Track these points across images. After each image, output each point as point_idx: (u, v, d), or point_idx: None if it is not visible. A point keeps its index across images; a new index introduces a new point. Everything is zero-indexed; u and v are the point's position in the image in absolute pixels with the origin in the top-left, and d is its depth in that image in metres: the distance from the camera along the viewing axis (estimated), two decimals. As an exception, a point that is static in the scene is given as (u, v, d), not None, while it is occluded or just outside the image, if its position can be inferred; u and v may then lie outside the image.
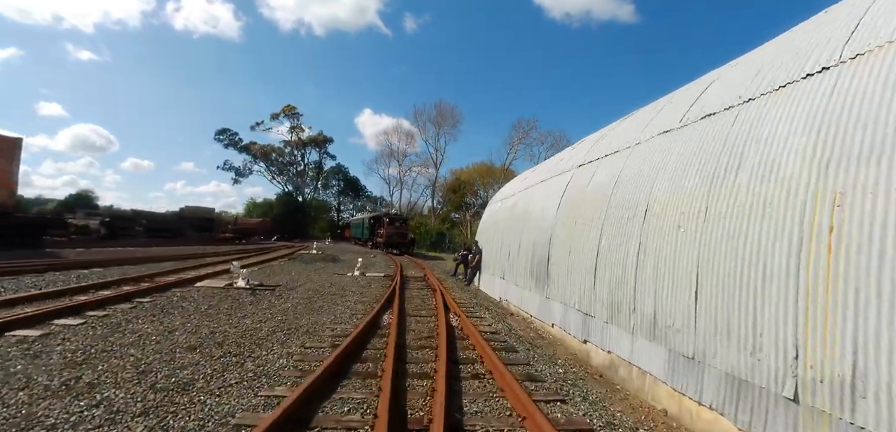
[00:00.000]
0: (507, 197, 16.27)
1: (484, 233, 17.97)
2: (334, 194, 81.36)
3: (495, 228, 15.78)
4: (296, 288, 10.99)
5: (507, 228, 13.91)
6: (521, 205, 13.19)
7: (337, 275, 15.16)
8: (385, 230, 33.91)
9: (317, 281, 12.92)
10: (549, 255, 9.43)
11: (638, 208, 6.27)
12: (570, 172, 10.18)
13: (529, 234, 11.17)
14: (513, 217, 13.73)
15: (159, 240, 27.42)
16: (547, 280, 9.40)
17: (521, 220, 12.52)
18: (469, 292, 13.57)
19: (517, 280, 11.73)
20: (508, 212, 14.73)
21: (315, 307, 8.60)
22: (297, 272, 15.06)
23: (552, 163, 12.91)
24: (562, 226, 9.07)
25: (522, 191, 14.29)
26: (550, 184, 11.18)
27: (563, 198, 9.58)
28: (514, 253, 12.35)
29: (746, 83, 5.40)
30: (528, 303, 10.56)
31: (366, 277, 15.17)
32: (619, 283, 6.34)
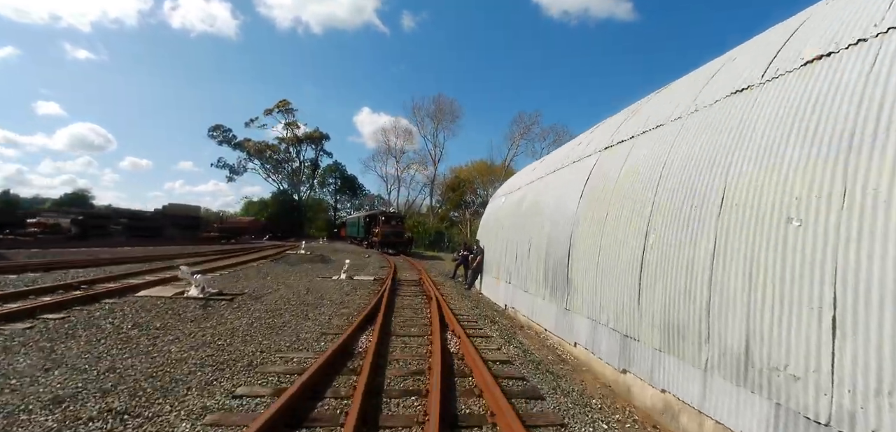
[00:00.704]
0: (513, 191, 14.50)
1: (486, 231, 16.21)
2: (331, 192, 79.68)
3: (499, 226, 14.02)
4: (263, 296, 9.21)
5: (514, 226, 12.15)
6: (531, 200, 11.42)
7: (319, 279, 13.38)
8: (380, 229, 32.06)
9: (293, 286, 11.13)
10: (569, 258, 7.68)
11: (708, 195, 4.51)
12: (592, 157, 8.41)
13: (541, 233, 9.41)
14: (520, 213, 11.97)
15: (139, 239, 25.62)
16: (567, 288, 7.64)
17: (530, 217, 10.76)
18: (470, 299, 11.81)
19: (527, 285, 9.97)
20: (514, 207, 12.97)
21: (277, 324, 6.83)
22: (274, 276, 13.27)
23: (568, 150, 11.15)
24: (586, 223, 7.31)
25: (531, 183, 12.53)
26: (566, 174, 9.42)
27: (586, 189, 7.82)
28: (523, 254, 10.59)
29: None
30: (542, 315, 8.80)
31: (353, 281, 13.40)
32: (681, 298, 4.58)
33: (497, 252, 13.54)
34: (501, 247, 13.15)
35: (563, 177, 9.59)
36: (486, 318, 8.86)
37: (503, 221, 13.69)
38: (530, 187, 12.24)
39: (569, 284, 7.58)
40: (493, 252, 14.20)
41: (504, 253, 12.69)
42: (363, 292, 11.05)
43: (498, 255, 13.38)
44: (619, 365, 5.74)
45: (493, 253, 14.17)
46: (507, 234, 12.73)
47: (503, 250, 12.89)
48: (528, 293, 9.83)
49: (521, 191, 13.07)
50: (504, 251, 12.71)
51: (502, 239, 13.21)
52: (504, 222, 13.52)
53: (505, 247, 12.69)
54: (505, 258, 12.56)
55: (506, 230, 13.02)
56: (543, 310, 8.76)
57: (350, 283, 12.69)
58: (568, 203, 8.40)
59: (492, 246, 14.51)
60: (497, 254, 13.49)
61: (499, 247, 13.43)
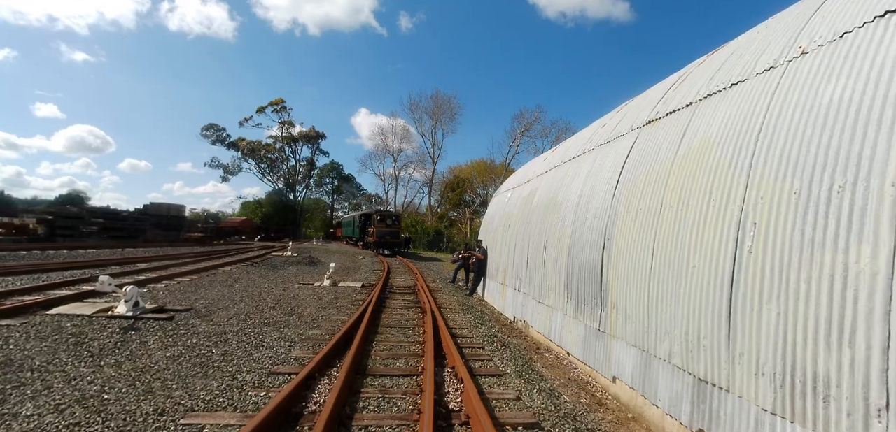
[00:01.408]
0: (521, 184, 12.73)
1: (489, 230, 14.45)
2: (328, 192, 77.85)
3: (504, 225, 12.26)
4: (214, 313, 7.42)
5: (523, 224, 10.38)
6: (544, 193, 9.65)
7: (298, 287, 11.59)
8: (375, 228, 30.16)
9: (260, 297, 9.34)
10: (603, 264, 5.91)
11: (875, 165, 2.73)
12: (628, 136, 6.65)
13: (560, 233, 7.65)
14: (530, 209, 10.21)
15: (115, 240, 23.82)
16: (600, 303, 5.88)
17: (544, 213, 9.00)
18: (472, 311, 10.04)
19: (543, 295, 8.21)
20: (523, 203, 11.21)
21: (212, 358, 5.03)
22: (244, 283, 11.48)
23: (590, 133, 9.37)
24: (628, 219, 5.55)
25: (542, 175, 10.77)
26: (592, 160, 7.66)
27: (624, 175, 6.06)
28: (536, 257, 8.82)
29: None
30: (564, 334, 7.03)
31: (337, 288, 11.61)
32: (822, 335, 2.81)
33: (503, 254, 11.78)
34: (508, 249, 11.39)
35: (586, 164, 7.83)
36: (493, 340, 7.08)
37: (510, 219, 11.93)
38: (542, 179, 10.47)
39: (603, 298, 5.81)
40: (497, 254, 12.44)
41: (511, 255, 10.93)
42: (346, 303, 9.27)
43: (504, 258, 11.62)
44: (691, 423, 3.97)
45: (497, 255, 12.41)
46: (514, 234, 10.98)
47: (510, 252, 11.14)
48: (545, 305, 8.06)
49: (531, 185, 11.31)
50: (511, 253, 10.95)
51: (509, 239, 11.45)
52: (511, 220, 11.76)
53: (512, 249, 10.93)
54: (512, 261, 10.81)
55: (513, 229, 11.27)
56: (566, 329, 7.00)
57: (332, 292, 10.90)
58: (597, 194, 6.64)
59: (496, 247, 12.75)
60: (503, 257, 11.74)
61: (505, 249, 11.68)
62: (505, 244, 11.79)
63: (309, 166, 69.72)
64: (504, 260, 11.62)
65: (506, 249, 11.57)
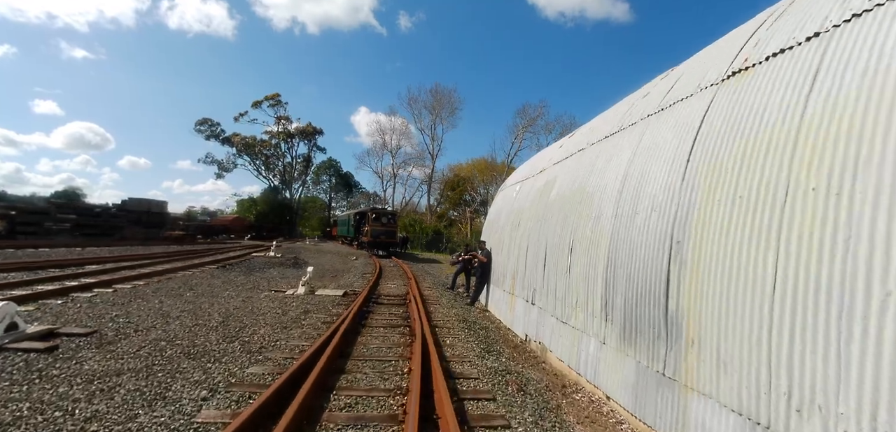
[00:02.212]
0: (531, 175, 10.83)
1: (493, 229, 12.57)
2: (325, 190, 75.94)
3: (513, 223, 10.38)
4: (126, 337, 5.52)
5: (537, 222, 8.51)
6: (566, 183, 7.77)
7: (266, 296, 9.70)
8: (369, 227, 28.11)
9: (206, 313, 7.44)
10: (669, 279, 4.03)
11: None
12: (698, 96, 4.77)
13: (595, 232, 5.77)
14: (547, 203, 8.33)
15: (87, 238, 21.96)
16: (666, 335, 3.99)
17: (566, 208, 7.12)
18: (475, 330, 8.16)
19: (567, 314, 6.32)
20: (536, 197, 9.32)
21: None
22: (198, 292, 9.58)
23: (627, 106, 7.44)
24: (714, 212, 3.67)
25: (561, 162, 8.89)
26: (637, 135, 5.77)
27: (698, 150, 4.18)
28: (557, 264, 6.94)
29: None
30: (602, 371, 5.14)
31: (312, 298, 9.72)
32: None
33: (511, 257, 9.90)
34: (517, 252, 9.52)
35: (628, 141, 5.94)
36: (505, 378, 5.20)
37: (520, 216, 10.05)
38: (561, 167, 8.59)
39: (672, 328, 3.93)
40: (504, 257, 10.57)
41: (521, 259, 9.05)
42: (315, 320, 7.38)
43: (512, 262, 9.75)
44: None
45: (504, 258, 10.53)
46: (525, 234, 9.09)
47: (520, 256, 9.26)
48: (570, 326, 6.17)
49: (546, 175, 9.42)
50: (521, 257, 9.08)
51: (518, 240, 9.58)
52: (521, 217, 9.88)
53: (522, 252, 9.06)
54: (523, 266, 8.94)
55: (524, 228, 9.39)
56: (604, 363, 5.11)
57: (304, 303, 9.01)
58: (653, 179, 4.75)
59: (503, 249, 10.87)
60: (511, 261, 9.86)
61: (513, 251, 9.80)
62: (513, 246, 9.92)
63: (305, 163, 67.81)
64: (512, 264, 9.75)
65: (514, 252, 9.69)
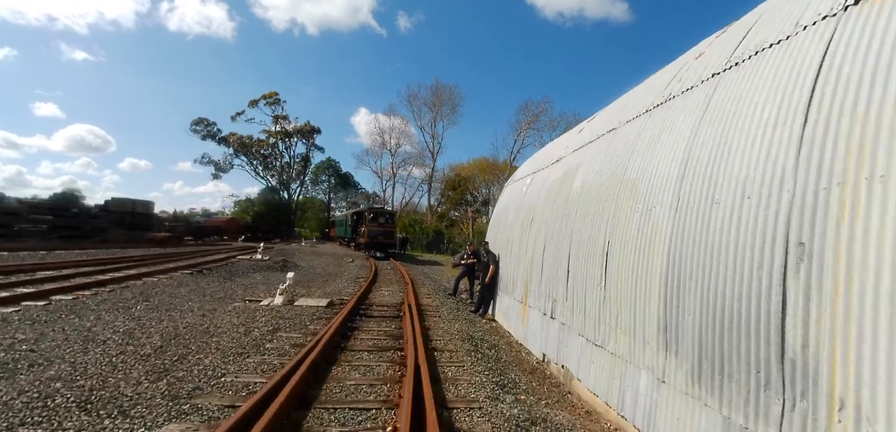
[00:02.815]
0: (546, 166, 9.40)
1: (500, 228, 11.16)
2: (325, 190, 74.53)
3: (524, 221, 8.97)
4: (13, 375, 4.13)
5: (557, 220, 7.10)
6: (594, 171, 6.36)
7: (234, 308, 8.29)
8: (366, 228, 26.59)
9: (146, 332, 6.03)
10: (786, 303, 2.60)
11: None
12: (799, 39, 3.34)
13: (643, 233, 4.37)
14: (568, 197, 6.92)
15: (64, 240, 20.58)
16: (785, 389, 2.57)
17: (597, 201, 5.71)
18: (483, 352, 6.75)
19: (603, 335, 4.89)
20: (553, 190, 7.91)
21: None
22: (154, 304, 8.16)
23: (672, 74, 5.96)
24: (874, 196, 2.23)
25: (583, 147, 7.48)
26: (701, 101, 4.36)
27: (816, 115, 2.75)
28: (585, 272, 5.52)
29: None
30: (667, 425, 3.70)
31: (290, 309, 8.31)
32: None
33: (523, 261, 8.49)
34: (530, 255, 8.11)
35: (685, 109, 4.52)
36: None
37: (532, 213, 8.64)
38: (586, 153, 7.17)
39: (793, 376, 2.50)
40: (513, 260, 9.15)
41: (536, 264, 7.64)
42: (283, 343, 5.96)
43: (524, 266, 8.34)
44: None
45: (513, 262, 9.11)
46: (541, 235, 7.68)
47: (534, 260, 7.86)
48: (608, 352, 4.75)
49: (565, 164, 8.00)
50: (536, 261, 7.67)
51: (531, 242, 8.16)
52: (534, 214, 8.46)
53: (537, 256, 7.65)
54: (538, 272, 7.53)
55: (539, 227, 7.98)
56: (668, 411, 3.68)
57: (278, 317, 7.59)
58: (740, 153, 3.33)
59: (512, 252, 9.46)
60: (523, 265, 8.45)
61: (525, 255, 8.39)
62: (525, 248, 8.50)
63: (303, 163, 66.41)
64: (524, 269, 8.34)
65: (527, 255, 8.28)
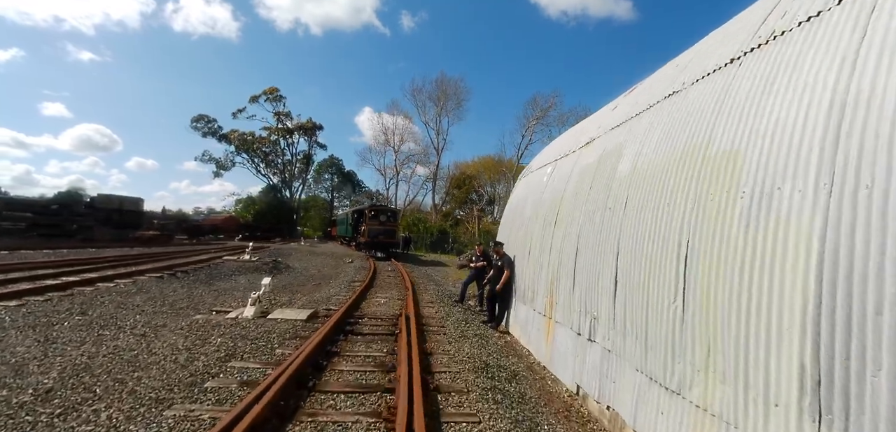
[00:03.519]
0: (570, 152, 7.84)
1: (512, 227, 9.63)
2: (327, 189, 73.21)
3: (545, 218, 7.44)
4: None
5: (593, 214, 5.55)
6: (648, 151, 4.81)
7: (193, 322, 6.81)
8: (367, 226, 25.01)
9: (40, 369, 4.54)
10: None
11: None
12: None
13: (748, 228, 2.79)
14: (609, 184, 5.39)
15: (43, 239, 19.29)
16: None
17: (659, 187, 4.15)
18: (500, 380, 5.24)
19: (677, 377, 3.33)
20: (585, 178, 6.37)
21: None
22: (87, 319, 6.68)
23: (771, 8, 4.35)
24: None
25: (626, 122, 5.92)
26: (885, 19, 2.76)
27: None
28: (648, 285, 3.97)
29: None
30: None
31: (262, 323, 6.81)
32: None
33: (545, 265, 6.95)
34: (554, 258, 6.58)
35: (822, 45, 2.94)
36: None
37: (557, 206, 7.09)
38: (630, 129, 5.60)
39: None
40: (533, 264, 7.61)
41: (565, 268, 6.11)
42: (228, 380, 4.47)
43: (548, 272, 6.80)
44: None
45: (534, 266, 7.57)
46: (571, 231, 6.13)
47: (560, 263, 6.33)
48: (691, 402, 3.19)
49: (601, 144, 6.44)
50: (565, 264, 6.13)
51: (557, 240, 6.63)
52: (561, 208, 6.92)
53: (566, 258, 6.11)
54: (567, 278, 6.00)
55: (567, 223, 6.43)
56: None
57: (242, 334, 6.09)
58: None
59: (530, 253, 7.92)
60: (545, 270, 6.91)
61: (548, 257, 6.85)
62: (549, 249, 6.96)
63: (305, 161, 65.09)
64: (548, 275, 6.80)
65: (552, 258, 6.74)
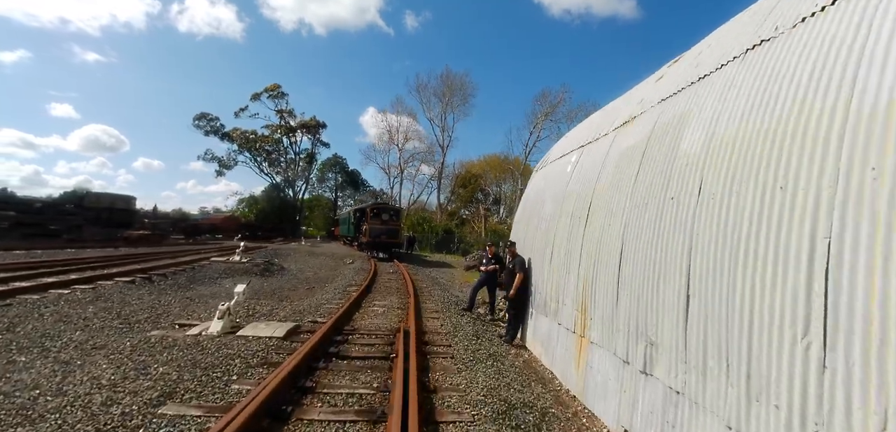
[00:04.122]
0: (600, 136, 6.53)
1: (529, 226, 8.34)
2: (331, 188, 72.22)
3: (572, 214, 6.15)
4: None
5: (647, 208, 4.24)
6: (728, 116, 3.45)
7: (145, 341, 5.59)
8: (368, 225, 23.76)
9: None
10: None
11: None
12: None
13: None
14: (671, 165, 4.08)
15: (26, 240, 18.28)
16: None
17: (755, 167, 2.82)
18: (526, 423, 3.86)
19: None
20: (632, 162, 5.07)
21: None
22: (12, 337, 5.49)
23: None
24: None
25: (679, 91, 4.59)
26: None
27: None
28: (745, 304, 2.63)
29: None
30: None
31: (228, 342, 5.58)
32: None
33: (575, 270, 5.65)
34: (588, 260, 5.29)
35: None
36: None
37: (585, 200, 5.80)
38: (694, 95, 4.30)
39: None
40: (559, 269, 6.32)
41: (604, 274, 4.81)
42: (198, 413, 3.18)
43: (577, 278, 5.51)
44: None
45: (560, 270, 6.28)
46: (610, 229, 4.83)
47: (595, 268, 5.04)
48: None
49: (648, 119, 5.13)
50: (604, 270, 4.83)
51: (589, 240, 5.34)
52: (596, 200, 5.61)
53: (605, 262, 4.82)
54: (604, 287, 4.72)
55: (605, 218, 5.12)
56: None
57: (195, 361, 4.85)
58: None
59: (553, 256, 6.62)
60: (576, 276, 5.61)
61: (578, 260, 5.55)
62: (579, 250, 5.67)
63: (308, 159, 64.05)
64: (578, 282, 5.51)
65: (583, 260, 5.44)
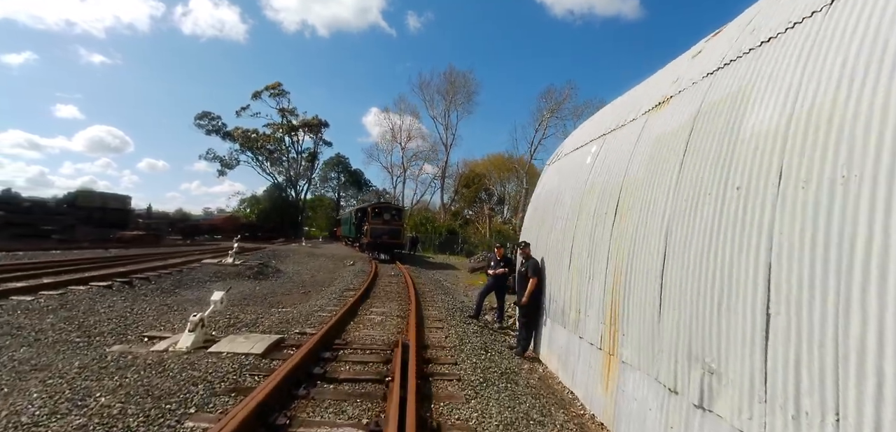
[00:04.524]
0: (623, 123, 5.72)
1: (544, 225, 7.55)
2: (334, 188, 71.61)
3: (594, 213, 5.35)
4: None
5: (698, 203, 3.42)
6: (826, 82, 2.62)
7: (101, 358, 4.83)
8: (369, 225, 23.01)
9: None
10: None
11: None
12: None
13: None
14: (732, 148, 3.26)
15: (14, 240, 17.65)
16: None
17: None
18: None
19: None
20: (676, 149, 4.26)
21: None
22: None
23: None
24: None
25: (731, 62, 3.75)
26: None
27: None
28: None
29: None
30: None
31: (195, 362, 4.81)
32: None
33: (600, 275, 4.85)
34: (617, 267, 4.48)
35: None
36: None
37: (609, 196, 5.00)
38: (749, 69, 3.47)
39: None
40: (579, 274, 5.51)
41: (640, 282, 4.00)
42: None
43: (602, 285, 4.71)
44: None
45: (580, 276, 5.47)
46: (652, 228, 4.01)
47: (627, 274, 4.23)
48: None
49: (687, 100, 4.33)
50: (639, 277, 4.02)
51: (618, 241, 4.54)
52: (625, 195, 4.80)
53: (641, 268, 4.01)
54: (640, 298, 3.91)
55: (640, 215, 4.31)
56: None
57: (148, 387, 4.08)
58: None
59: (573, 259, 5.82)
60: (601, 283, 4.81)
61: (603, 265, 4.75)
62: (602, 253, 4.87)
63: (311, 158, 63.42)
64: (604, 289, 4.73)
65: (610, 266, 4.65)
